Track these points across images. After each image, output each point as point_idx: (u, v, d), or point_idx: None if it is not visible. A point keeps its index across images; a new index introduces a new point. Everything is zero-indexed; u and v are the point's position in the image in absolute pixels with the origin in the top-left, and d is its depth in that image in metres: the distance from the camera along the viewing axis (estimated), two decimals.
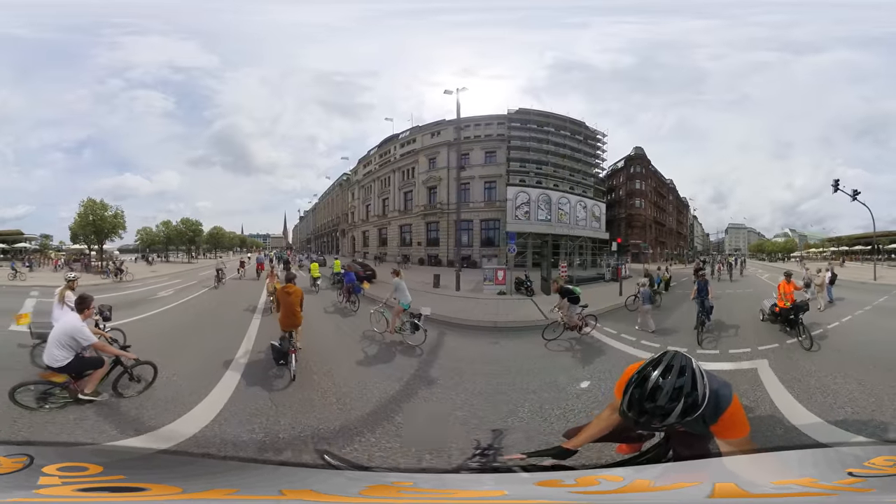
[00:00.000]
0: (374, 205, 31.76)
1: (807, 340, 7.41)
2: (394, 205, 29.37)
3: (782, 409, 4.75)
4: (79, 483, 1.72)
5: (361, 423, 4.41)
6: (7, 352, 6.54)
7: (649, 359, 2.10)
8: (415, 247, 27.33)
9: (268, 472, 2.89)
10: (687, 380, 1.96)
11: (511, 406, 4.83)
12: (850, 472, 1.81)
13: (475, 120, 25.10)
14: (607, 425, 2.41)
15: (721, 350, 7.29)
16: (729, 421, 2.07)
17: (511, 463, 2.38)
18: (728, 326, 9.60)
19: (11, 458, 1.92)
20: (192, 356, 6.69)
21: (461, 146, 23.24)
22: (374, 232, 31.39)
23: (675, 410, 1.92)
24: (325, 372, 5.93)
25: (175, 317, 10.24)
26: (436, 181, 26.61)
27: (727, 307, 11.05)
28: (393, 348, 7.37)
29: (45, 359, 4.67)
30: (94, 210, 22.36)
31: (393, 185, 29.50)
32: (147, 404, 4.82)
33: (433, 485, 2.31)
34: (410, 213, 27.89)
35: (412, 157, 28.29)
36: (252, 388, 5.33)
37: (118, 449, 3.82)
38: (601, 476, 2.10)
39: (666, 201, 28.85)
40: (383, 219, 30.34)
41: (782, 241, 28.46)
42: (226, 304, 12.06)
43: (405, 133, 29.43)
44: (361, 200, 33.46)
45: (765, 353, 6.96)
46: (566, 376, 5.94)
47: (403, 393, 5.35)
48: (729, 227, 30.67)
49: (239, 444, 4.01)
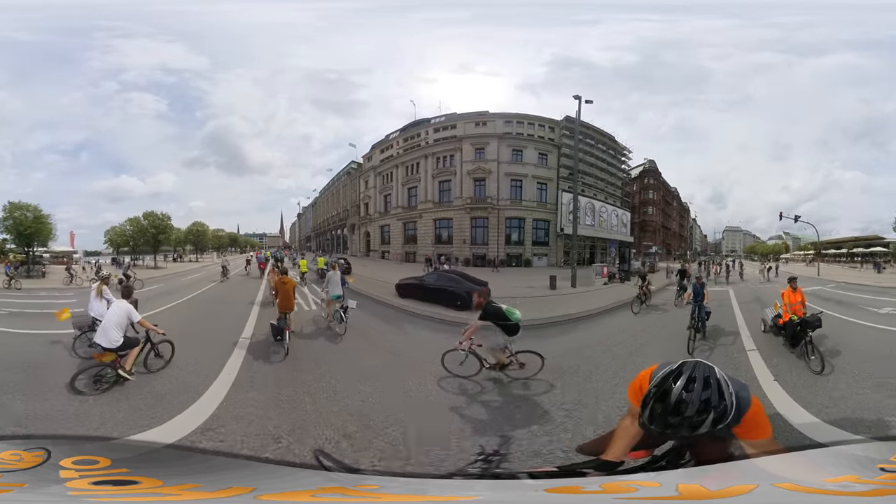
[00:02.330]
0: (396, 194, 28.01)
1: (817, 362, 6.45)
2: (425, 194, 26.44)
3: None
4: (92, 476, 1.77)
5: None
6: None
7: (666, 371, 2.00)
8: (458, 245, 25.11)
9: (271, 470, 3.09)
10: (714, 391, 1.89)
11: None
12: (882, 467, 1.82)
13: (528, 118, 25.14)
14: (635, 433, 2.30)
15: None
16: (752, 422, 2.03)
17: (532, 474, 2.24)
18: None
19: (31, 452, 2.03)
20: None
21: (513, 141, 23.61)
22: (398, 227, 27.60)
23: (705, 422, 1.86)
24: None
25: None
26: (485, 173, 24.85)
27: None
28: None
29: (102, 341, 5.61)
30: (13, 213, 20.82)
31: (425, 172, 26.47)
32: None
33: (406, 490, 2.23)
34: (450, 206, 25.50)
35: (452, 144, 25.94)
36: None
37: (128, 444, 4.01)
38: (635, 482, 1.97)
39: (671, 208, 31.87)
40: (410, 211, 26.95)
41: (772, 244, 31.02)
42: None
43: (439, 118, 26.89)
44: (378, 189, 29.43)
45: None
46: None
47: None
48: (726, 229, 34.34)
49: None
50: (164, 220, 25.92)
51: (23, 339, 8.58)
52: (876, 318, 10.81)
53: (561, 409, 5.18)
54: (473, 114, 25.68)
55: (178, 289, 16.31)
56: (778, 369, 6.69)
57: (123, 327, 5.72)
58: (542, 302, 12.47)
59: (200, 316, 11.36)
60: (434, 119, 27.10)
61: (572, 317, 10.26)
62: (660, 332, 10.10)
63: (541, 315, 9.90)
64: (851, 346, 7.88)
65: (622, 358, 7.70)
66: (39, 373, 6.30)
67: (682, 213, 32.41)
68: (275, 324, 7.68)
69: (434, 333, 9.34)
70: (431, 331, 9.81)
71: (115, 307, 5.91)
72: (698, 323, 8.32)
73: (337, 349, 8.26)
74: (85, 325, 7.14)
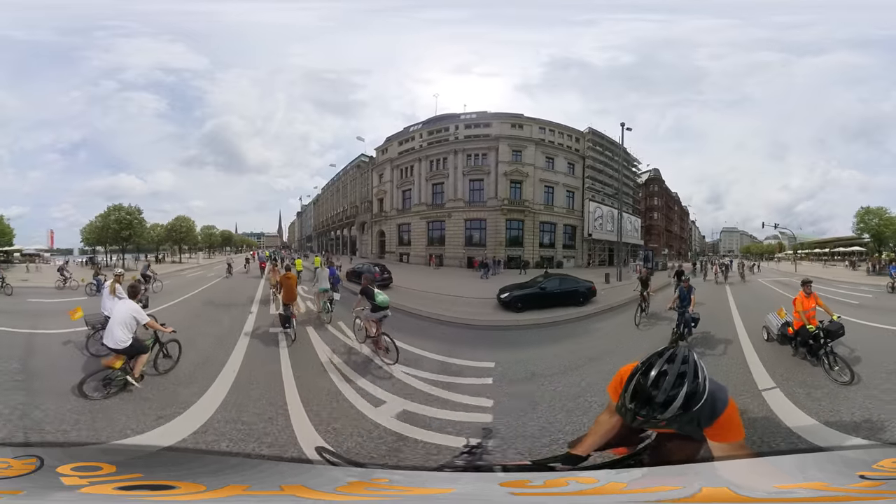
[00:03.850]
0: (418, 190, 26.04)
1: (843, 372, 5.81)
2: (454, 192, 25.00)
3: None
4: (99, 483, 1.73)
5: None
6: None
7: (654, 352, 2.10)
8: (492, 246, 24.19)
9: (268, 467, 3.21)
10: (690, 367, 1.98)
11: None
12: (862, 475, 1.77)
13: (558, 127, 25.62)
14: (610, 428, 2.41)
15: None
16: (725, 425, 2.04)
17: (504, 467, 2.42)
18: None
19: (20, 459, 1.91)
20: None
21: (546, 149, 24.56)
22: (421, 226, 25.72)
23: (678, 397, 1.91)
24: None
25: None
26: (522, 176, 24.25)
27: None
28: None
29: (109, 342, 5.41)
30: None
31: (454, 168, 25.02)
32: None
33: (410, 482, 2.38)
34: (483, 206, 24.46)
35: (485, 143, 24.86)
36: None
37: (125, 448, 3.97)
38: (572, 478, 2.10)
39: (673, 212, 33.68)
40: (437, 209, 25.35)
41: (767, 244, 31.56)
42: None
43: (470, 115, 25.63)
44: (396, 184, 27.32)
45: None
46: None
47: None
48: (723, 230, 35.72)
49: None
50: (132, 214, 22.49)
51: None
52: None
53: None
54: (507, 115, 24.99)
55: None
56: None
57: (131, 327, 5.51)
58: (612, 291, 16.43)
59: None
60: (463, 115, 25.80)
61: (632, 298, 12.39)
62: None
63: (619, 298, 13.73)
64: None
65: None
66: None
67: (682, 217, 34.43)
68: (282, 313, 8.54)
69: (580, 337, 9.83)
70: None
71: (120, 307, 5.67)
72: (683, 330, 7.75)
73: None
74: (98, 324, 6.95)
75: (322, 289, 10.31)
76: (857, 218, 23.50)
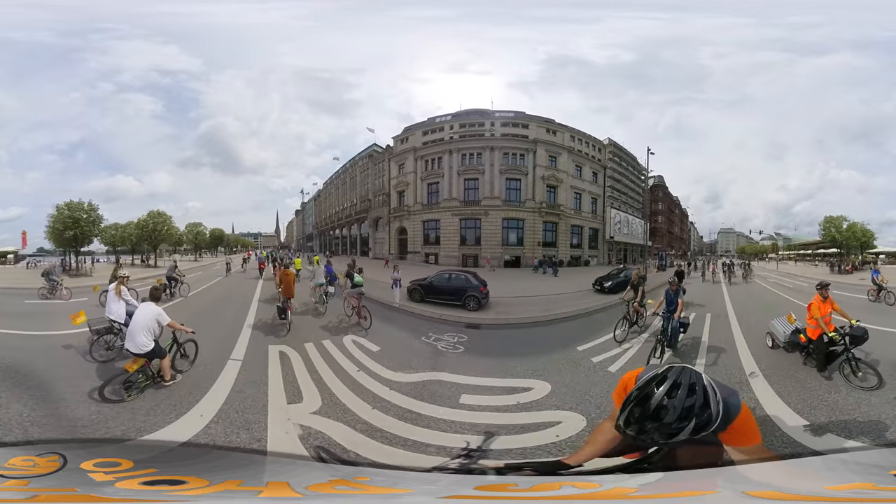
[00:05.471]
0: (448, 183, 24.13)
1: (866, 377, 5.61)
2: (489, 189, 23.68)
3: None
4: (125, 478, 1.79)
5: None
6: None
7: (651, 374, 1.94)
8: (530, 247, 23.86)
9: (266, 463, 3.42)
10: (698, 397, 1.82)
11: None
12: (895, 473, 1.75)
13: (584, 136, 26.52)
14: (610, 438, 2.25)
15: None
16: (740, 429, 1.96)
17: (496, 469, 2.27)
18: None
19: (44, 457, 1.96)
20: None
21: (576, 157, 25.90)
22: (452, 223, 23.79)
23: (685, 429, 1.80)
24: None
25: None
26: (557, 181, 24.25)
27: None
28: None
29: (131, 347, 5.39)
30: None
31: (490, 164, 23.96)
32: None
33: (391, 483, 2.33)
34: (521, 206, 23.93)
35: (524, 143, 24.27)
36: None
37: (145, 444, 4.13)
38: (567, 482, 2.00)
39: (674, 214, 35.52)
40: (472, 206, 23.75)
41: (761, 244, 31.39)
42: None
43: (507, 113, 24.75)
44: (421, 175, 25.49)
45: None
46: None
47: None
48: (720, 231, 36.15)
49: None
50: (88, 210, 20.11)
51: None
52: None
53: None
54: (542, 118, 24.71)
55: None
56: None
57: (154, 331, 5.52)
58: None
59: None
60: (498, 112, 24.82)
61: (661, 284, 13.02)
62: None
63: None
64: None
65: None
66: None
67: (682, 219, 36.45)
68: (280, 306, 9.53)
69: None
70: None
71: (142, 310, 5.61)
72: (669, 337, 6.95)
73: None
74: (102, 328, 6.95)
75: (318, 283, 12.09)
76: (820, 226, 24.31)
